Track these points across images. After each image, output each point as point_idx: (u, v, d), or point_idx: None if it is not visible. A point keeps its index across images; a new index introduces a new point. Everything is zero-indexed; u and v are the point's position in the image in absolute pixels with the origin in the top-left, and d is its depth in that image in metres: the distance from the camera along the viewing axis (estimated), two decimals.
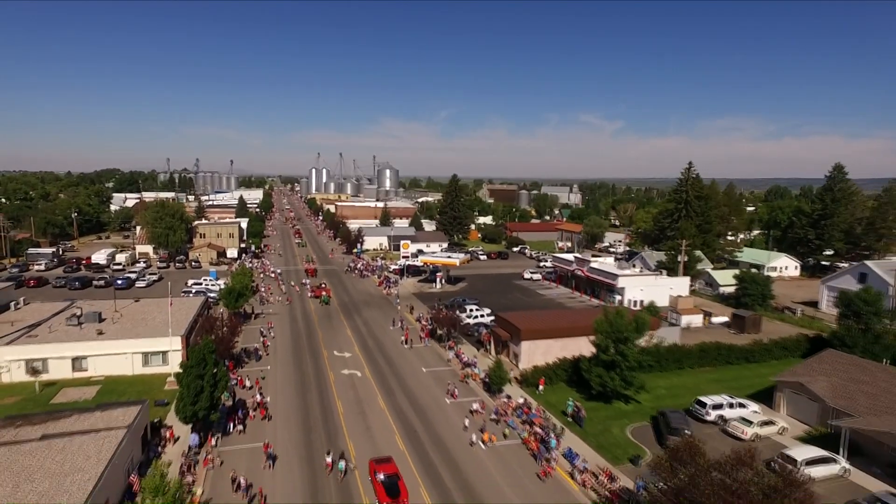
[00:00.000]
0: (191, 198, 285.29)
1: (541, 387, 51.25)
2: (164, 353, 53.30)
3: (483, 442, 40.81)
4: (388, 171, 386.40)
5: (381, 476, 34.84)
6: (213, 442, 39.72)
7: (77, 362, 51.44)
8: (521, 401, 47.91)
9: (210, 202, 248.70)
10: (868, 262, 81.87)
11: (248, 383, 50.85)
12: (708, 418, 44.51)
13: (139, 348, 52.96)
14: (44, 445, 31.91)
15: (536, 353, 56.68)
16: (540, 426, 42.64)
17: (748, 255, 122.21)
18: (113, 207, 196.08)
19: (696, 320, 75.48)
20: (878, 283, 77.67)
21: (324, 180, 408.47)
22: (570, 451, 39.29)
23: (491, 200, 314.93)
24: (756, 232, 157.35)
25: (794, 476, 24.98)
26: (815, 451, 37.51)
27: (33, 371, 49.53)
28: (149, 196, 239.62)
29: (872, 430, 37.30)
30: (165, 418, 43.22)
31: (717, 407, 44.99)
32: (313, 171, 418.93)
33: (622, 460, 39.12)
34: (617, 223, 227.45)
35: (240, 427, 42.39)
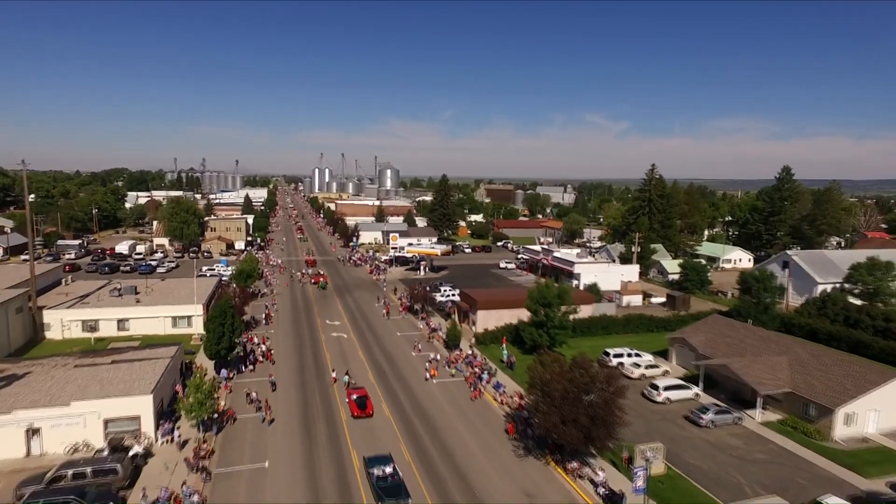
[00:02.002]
0: (198, 196, 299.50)
1: (504, 344, 64.20)
2: (190, 317, 66.79)
3: (431, 375, 54.13)
4: (388, 171, 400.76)
5: (354, 396, 48.00)
6: (231, 375, 53.09)
7: (121, 323, 64.94)
8: (469, 352, 61.16)
9: (217, 200, 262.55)
10: (789, 252, 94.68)
11: (256, 340, 64.19)
12: (610, 363, 57.49)
13: (169, 313, 66.48)
14: (114, 367, 45.32)
15: (490, 319, 69.89)
16: (479, 368, 55.91)
17: (706, 248, 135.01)
18: (128, 205, 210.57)
19: (636, 299, 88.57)
20: (796, 268, 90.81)
21: (326, 180, 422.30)
22: (498, 384, 52.52)
23: (488, 200, 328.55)
24: (716, 229, 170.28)
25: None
26: (674, 381, 50.95)
27: (90, 329, 63.08)
28: (158, 194, 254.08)
29: (714, 363, 50.43)
30: (194, 361, 56.63)
31: (618, 356, 58.18)
32: (316, 170, 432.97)
33: None
34: (603, 220, 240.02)
35: (251, 367, 55.81)
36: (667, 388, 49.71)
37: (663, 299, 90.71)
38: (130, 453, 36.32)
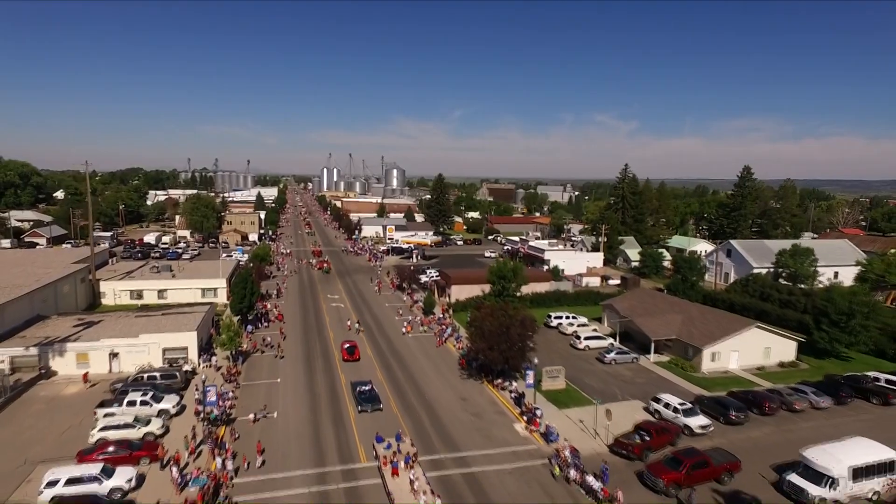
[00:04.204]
0: (212, 194, 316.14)
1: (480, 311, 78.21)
2: (215, 289, 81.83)
3: (406, 331, 68.88)
4: (394, 171, 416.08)
5: (346, 345, 62.51)
6: (250, 329, 68.09)
7: (161, 293, 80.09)
8: (440, 316, 75.78)
9: (231, 198, 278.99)
10: (732, 241, 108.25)
11: (269, 306, 79.19)
12: (552, 324, 71.87)
13: (199, 285, 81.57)
14: (165, 316, 60.47)
15: (462, 292, 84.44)
16: (446, 326, 70.53)
17: (675, 241, 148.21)
18: (148, 202, 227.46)
19: (594, 281, 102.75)
20: (737, 255, 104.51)
21: (334, 179, 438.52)
22: (458, 336, 67.12)
23: (490, 198, 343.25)
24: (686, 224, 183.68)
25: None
26: (594, 334, 65.28)
27: (136, 296, 78.42)
28: (175, 193, 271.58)
29: (626, 320, 64.60)
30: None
31: (558, 318, 72.58)
32: (324, 170, 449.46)
33: None
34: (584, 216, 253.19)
35: (266, 325, 70.77)
36: (587, 338, 64.10)
37: (618, 281, 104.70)
38: (184, 369, 51.28)
